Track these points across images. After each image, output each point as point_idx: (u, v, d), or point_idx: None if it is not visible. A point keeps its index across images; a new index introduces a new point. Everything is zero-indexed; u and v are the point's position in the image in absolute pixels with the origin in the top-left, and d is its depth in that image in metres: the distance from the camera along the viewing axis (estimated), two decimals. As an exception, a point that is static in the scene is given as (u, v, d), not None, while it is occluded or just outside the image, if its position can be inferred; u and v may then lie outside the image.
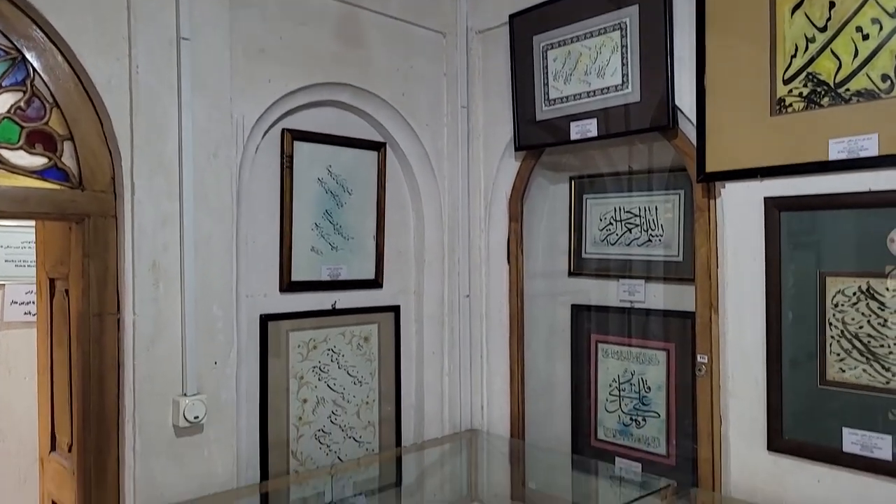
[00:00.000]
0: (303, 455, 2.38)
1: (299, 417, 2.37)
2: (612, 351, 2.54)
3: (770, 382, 1.86)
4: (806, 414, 1.80)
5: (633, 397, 2.46)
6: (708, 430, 2.05)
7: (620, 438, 2.49)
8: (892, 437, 1.65)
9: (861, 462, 1.69)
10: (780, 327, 1.83)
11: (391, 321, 2.64)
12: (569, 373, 2.65)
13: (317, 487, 2.40)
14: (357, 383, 2.54)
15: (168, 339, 1.94)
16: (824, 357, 1.76)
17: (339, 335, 2.48)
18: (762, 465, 1.90)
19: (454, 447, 2.81)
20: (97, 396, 1.88)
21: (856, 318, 1.71)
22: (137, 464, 1.88)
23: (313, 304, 2.40)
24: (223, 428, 2.06)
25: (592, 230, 2.58)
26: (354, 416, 2.52)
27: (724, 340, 2.00)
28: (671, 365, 2.36)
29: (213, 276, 2.02)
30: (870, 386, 1.68)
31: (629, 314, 2.49)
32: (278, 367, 2.30)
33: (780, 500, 1.86)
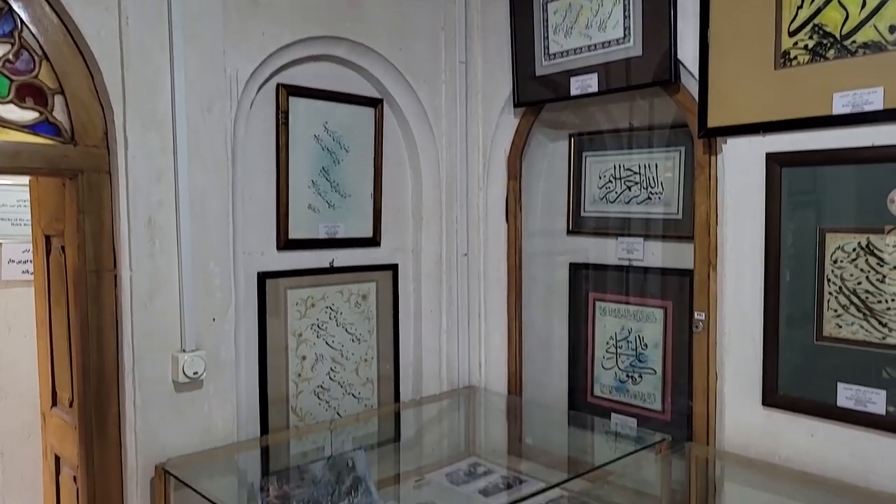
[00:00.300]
0: (302, 411, 2.40)
1: (298, 374, 2.39)
2: (610, 309, 2.54)
3: (767, 339, 1.86)
4: (801, 370, 1.81)
5: (630, 354, 2.48)
6: (704, 386, 2.07)
7: (617, 395, 2.52)
8: (887, 392, 1.66)
9: (854, 416, 1.71)
10: (779, 284, 1.83)
11: (389, 279, 2.64)
12: (566, 331, 2.66)
13: (316, 442, 2.43)
14: (355, 341, 2.55)
15: (166, 295, 1.94)
16: (821, 313, 1.76)
17: (338, 293, 2.49)
18: (756, 419, 1.92)
19: (452, 403, 2.84)
20: (96, 352, 1.89)
21: (854, 275, 1.70)
22: (138, 418, 1.90)
23: (311, 262, 2.39)
24: (223, 383, 2.07)
25: (591, 188, 2.56)
26: (353, 373, 2.54)
27: (722, 297, 2.00)
28: (668, 322, 2.37)
29: (209, 233, 2.01)
30: (866, 341, 1.69)
31: (627, 272, 2.49)
32: (277, 324, 2.31)
33: (773, 453, 1.89)
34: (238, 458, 2.16)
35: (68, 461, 2.09)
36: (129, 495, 1.91)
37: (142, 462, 1.90)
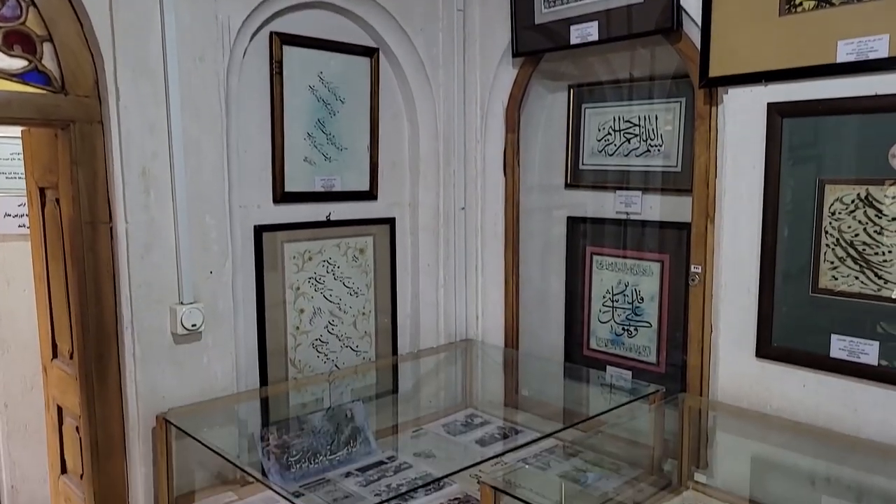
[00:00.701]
0: (301, 363, 2.43)
1: (296, 327, 2.40)
2: (607, 262, 2.54)
3: (762, 291, 1.87)
4: (796, 321, 1.83)
5: (626, 308, 2.49)
6: (698, 338, 2.09)
7: (612, 348, 2.54)
8: (880, 344, 1.68)
9: (846, 367, 1.73)
10: (776, 236, 1.82)
11: (386, 233, 2.64)
12: (563, 284, 2.66)
13: (315, 393, 2.47)
14: (353, 294, 2.56)
15: (162, 247, 1.94)
16: (818, 265, 1.76)
17: (335, 247, 2.48)
18: (749, 370, 1.94)
19: (449, 356, 2.87)
20: (94, 304, 1.89)
21: (852, 227, 1.70)
22: (138, 369, 1.92)
23: (307, 215, 2.38)
24: (221, 336, 2.09)
25: (590, 141, 2.53)
26: (351, 327, 2.56)
27: (719, 250, 2.00)
28: (665, 276, 2.37)
29: (204, 185, 2.00)
30: (861, 293, 1.70)
31: (625, 226, 2.48)
32: (274, 277, 2.31)
33: (765, 403, 1.92)
34: (238, 409, 2.19)
35: (70, 412, 2.11)
36: (130, 444, 1.95)
37: (143, 412, 1.93)
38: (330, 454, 2.25)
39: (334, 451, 2.26)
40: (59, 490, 2.24)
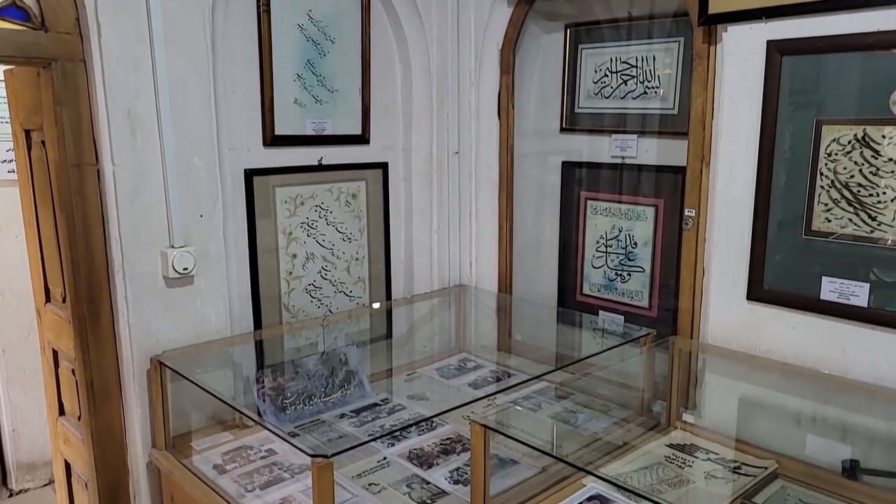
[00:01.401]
0: (295, 308, 2.43)
1: (289, 272, 2.40)
2: (601, 208, 2.53)
3: (755, 234, 1.86)
4: (788, 264, 1.83)
5: (620, 253, 2.48)
6: (690, 282, 2.09)
7: (605, 293, 2.55)
8: (870, 286, 1.68)
9: (836, 309, 1.73)
10: (771, 178, 1.81)
11: (379, 178, 2.61)
12: (557, 230, 2.65)
13: (309, 338, 2.48)
14: (346, 240, 2.55)
15: (150, 190, 1.91)
16: (812, 208, 1.75)
17: (327, 192, 2.46)
18: (740, 313, 1.95)
19: (443, 301, 2.88)
20: (84, 248, 1.88)
21: (848, 168, 1.68)
22: (130, 312, 1.92)
23: (299, 159, 2.35)
24: (213, 279, 2.08)
25: (586, 83, 2.48)
26: (344, 272, 2.56)
27: (713, 193, 1.99)
28: (659, 221, 2.36)
29: (191, 127, 1.96)
30: (854, 235, 1.69)
31: (620, 171, 2.45)
32: (266, 222, 2.29)
33: (754, 346, 1.93)
34: (232, 352, 2.20)
35: (66, 355, 2.13)
36: (126, 386, 1.97)
37: (137, 354, 1.94)
38: (324, 396, 2.28)
39: (329, 394, 2.29)
40: (58, 431, 2.28)
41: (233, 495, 1.73)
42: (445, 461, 1.92)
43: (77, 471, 2.18)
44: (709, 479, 1.78)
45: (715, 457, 1.89)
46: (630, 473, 1.82)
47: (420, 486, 1.78)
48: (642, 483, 1.76)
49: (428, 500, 1.72)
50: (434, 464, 1.91)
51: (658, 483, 1.76)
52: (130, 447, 1.99)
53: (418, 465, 1.90)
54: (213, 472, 1.85)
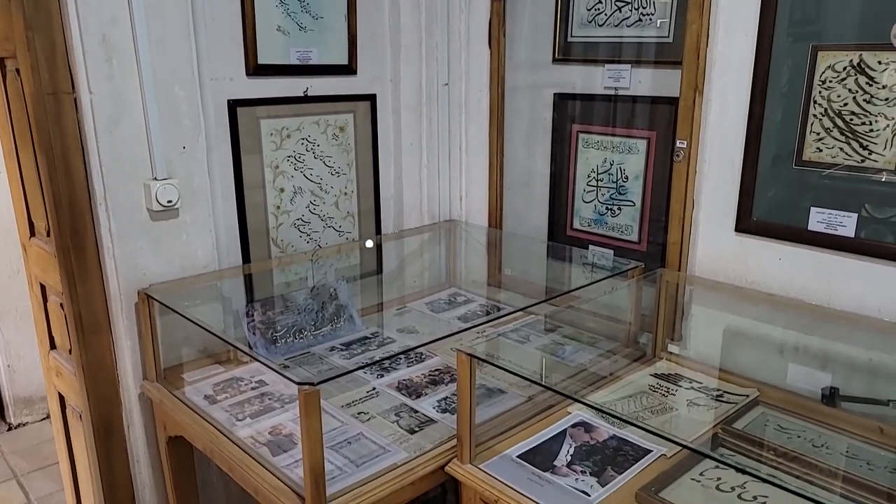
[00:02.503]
0: (283, 242, 2.42)
1: (277, 206, 2.37)
2: (593, 141, 2.49)
3: (746, 164, 1.84)
4: (777, 195, 1.81)
5: (611, 187, 2.46)
6: (679, 215, 2.09)
7: (595, 227, 2.54)
8: (858, 216, 1.67)
9: (823, 239, 1.73)
10: (764, 107, 1.77)
11: (367, 110, 2.56)
12: (548, 164, 2.62)
13: (299, 273, 2.48)
14: (334, 174, 2.52)
15: (130, 121, 1.87)
16: (803, 137, 1.73)
17: (314, 124, 2.41)
18: (728, 245, 1.95)
19: (433, 236, 2.87)
20: (65, 180, 1.85)
21: (842, 95, 1.65)
22: (115, 245, 1.91)
23: (283, 90, 2.29)
24: (199, 213, 2.06)
25: (580, 10, 2.40)
26: (333, 207, 2.54)
27: (706, 123, 1.95)
28: (651, 153, 2.33)
29: (170, 54, 1.90)
30: (845, 165, 1.67)
31: (613, 102, 2.40)
32: (252, 155, 2.25)
33: (741, 277, 1.94)
34: (221, 286, 2.20)
35: (53, 289, 2.12)
36: (115, 320, 1.97)
37: (124, 287, 1.94)
38: (314, 330, 2.29)
39: (319, 328, 2.31)
40: (51, 365, 2.30)
41: (224, 424, 1.75)
42: (434, 391, 1.95)
43: (70, 403, 2.21)
44: (691, 406, 1.81)
45: (698, 385, 1.92)
46: (614, 401, 1.86)
47: (408, 415, 1.82)
48: (626, 410, 1.80)
49: (416, 428, 1.75)
50: (422, 394, 1.94)
51: (641, 410, 1.80)
52: (122, 379, 2.01)
53: (407, 396, 1.93)
54: (204, 402, 1.87)
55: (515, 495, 1.46)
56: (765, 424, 1.71)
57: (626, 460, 1.59)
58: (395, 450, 1.64)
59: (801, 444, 1.60)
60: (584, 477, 1.53)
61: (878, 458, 1.55)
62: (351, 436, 1.70)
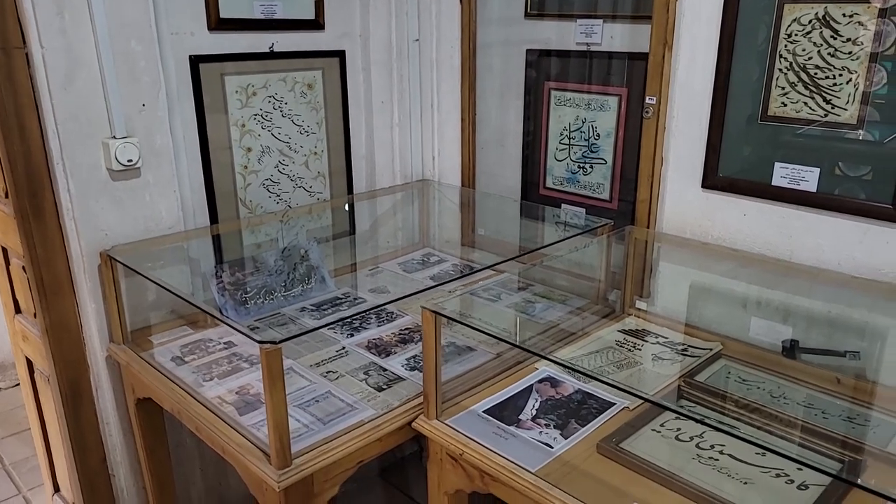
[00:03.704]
0: (252, 203, 2.39)
1: (245, 166, 2.33)
2: (565, 98, 2.46)
3: (713, 120, 1.84)
4: (743, 150, 1.82)
5: (583, 145, 2.45)
6: (648, 172, 2.08)
7: (568, 186, 2.53)
8: (820, 170, 1.68)
9: (786, 194, 1.74)
10: (731, 61, 1.76)
11: (336, 67, 2.50)
12: (521, 122, 2.60)
13: (269, 233, 2.46)
14: (304, 133, 2.47)
15: (86, 77, 1.81)
16: (769, 92, 1.72)
17: (280, 81, 2.36)
18: (694, 202, 1.96)
19: (406, 196, 2.85)
20: (20, 139, 1.79)
21: (807, 49, 1.64)
22: (75, 206, 1.87)
23: (248, 45, 2.23)
24: (162, 173, 2.02)
25: (551, -37, 2.35)
26: (303, 167, 2.50)
27: (674, 80, 1.94)
28: (622, 111, 2.31)
29: (125, 7, 1.83)
30: (809, 119, 1.67)
31: (585, 59, 2.37)
32: (216, 113, 2.20)
33: (707, 233, 1.96)
34: (188, 247, 2.18)
35: (14, 252, 2.08)
36: (78, 282, 1.94)
37: (86, 249, 1.91)
38: (285, 291, 2.28)
39: (289, 289, 2.30)
40: (17, 329, 2.27)
41: (191, 384, 1.75)
42: (403, 350, 1.96)
43: (38, 367, 2.19)
44: (656, 360, 1.84)
45: (664, 340, 1.95)
46: (581, 357, 1.88)
47: (377, 373, 1.83)
48: (592, 365, 1.82)
49: (384, 386, 1.76)
50: (392, 352, 1.95)
51: (607, 365, 1.82)
52: (88, 342, 1.99)
53: (376, 354, 1.94)
54: (171, 363, 1.87)
55: (479, 448, 1.48)
56: (726, 377, 1.74)
57: (590, 413, 1.62)
58: (363, 407, 1.65)
59: (761, 395, 1.64)
60: (547, 430, 1.55)
61: (833, 407, 1.59)
62: (319, 394, 1.71)
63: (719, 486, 1.32)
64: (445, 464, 1.57)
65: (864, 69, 1.56)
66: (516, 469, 1.41)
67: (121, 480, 2.15)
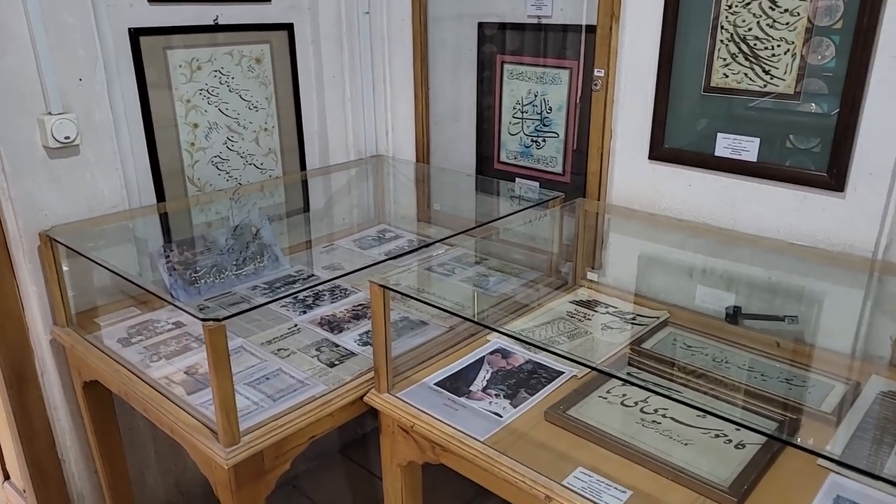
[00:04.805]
0: (201, 181, 2.34)
1: (192, 143, 2.28)
2: (517, 72, 2.46)
3: (658, 92, 1.86)
4: (687, 122, 1.84)
5: (536, 119, 2.45)
6: (598, 145, 2.10)
7: (522, 160, 2.54)
8: (760, 140, 1.72)
9: (728, 164, 1.78)
10: (675, 32, 1.77)
11: (284, 41, 2.45)
12: (475, 97, 2.59)
13: (219, 212, 2.41)
14: (252, 108, 2.42)
15: (17, 50, 1.74)
16: (711, 63, 1.74)
17: (226, 55, 2.30)
18: (642, 173, 1.98)
19: (360, 172, 2.83)
20: (-52, 116, 1.72)
21: (747, 21, 1.66)
22: (10, 185, 1.80)
23: (191, 17, 2.17)
24: (103, 150, 1.96)
25: (500, -67, 2.33)
26: (253, 143, 2.45)
27: (622, 52, 1.95)
28: (573, 84, 2.32)
29: (55, -23, 1.76)
30: (748, 90, 1.70)
31: (536, 31, 2.37)
32: (160, 88, 2.14)
33: (654, 204, 1.99)
34: (133, 226, 2.13)
35: (-50, 234, 2.01)
36: (17, 264, 1.89)
37: (24, 230, 1.84)
38: (236, 270, 2.25)
39: (241, 267, 2.27)
40: (-43, 313, 2.20)
41: (137, 365, 1.72)
42: (356, 325, 1.96)
43: (-19, 351, 2.12)
44: (605, 329, 1.88)
45: (613, 310, 1.99)
46: (533, 328, 1.90)
47: (329, 349, 1.82)
48: (543, 336, 1.84)
49: (336, 361, 1.76)
50: (345, 328, 1.94)
51: (558, 335, 1.85)
52: (31, 325, 1.94)
53: (329, 331, 1.93)
54: (117, 345, 1.83)
55: (430, 420, 1.50)
56: (672, 343, 1.78)
57: (540, 383, 1.64)
58: (314, 383, 1.65)
59: (704, 360, 1.68)
60: (497, 400, 1.57)
61: (772, 370, 1.65)
62: (269, 372, 1.70)
63: (660, 448, 1.36)
64: (397, 436, 1.59)
65: (802, 40, 1.59)
66: (465, 438, 1.43)
67: (71, 465, 2.11)
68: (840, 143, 1.58)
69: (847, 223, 1.64)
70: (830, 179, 1.62)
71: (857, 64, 1.51)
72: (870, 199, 1.59)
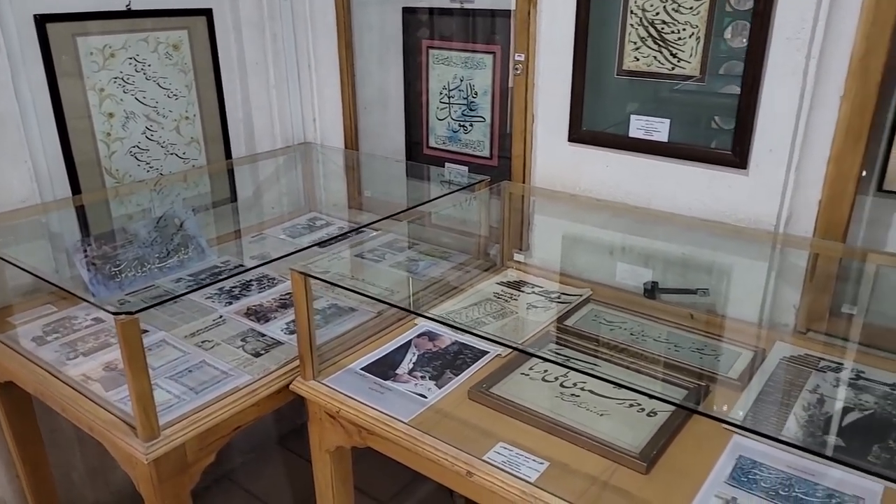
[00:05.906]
0: (119, 172, 2.27)
1: (107, 133, 2.20)
2: (443, 57, 2.47)
3: (575, 75, 1.90)
4: (602, 104, 1.89)
5: (462, 104, 2.47)
6: (521, 129, 2.14)
7: (450, 145, 2.55)
8: (670, 121, 1.78)
9: (642, 145, 1.84)
10: (588, 16, 1.82)
11: (203, 27, 2.39)
12: (402, 82, 2.58)
13: (140, 203, 2.35)
14: (172, 97, 2.36)
15: None
16: (623, 47, 1.79)
17: (142, 42, 2.23)
18: (563, 155, 2.03)
19: (288, 160, 2.79)
20: None
21: (654, 5, 1.71)
22: None
23: (101, 3, 2.08)
24: (9, 142, 1.88)
25: (420, -83, 2.32)
26: (174, 133, 2.39)
27: (540, 36, 1.98)
28: (496, 68, 2.34)
29: (-54, -41, 1.67)
30: (658, 73, 1.76)
31: (458, 16, 2.38)
32: (70, 77, 2.06)
33: (575, 185, 2.04)
34: (46, 221, 2.05)
35: None
36: (-80, 262, 1.79)
37: (-76, 227, 1.76)
38: (159, 262, 2.19)
39: (164, 260, 2.21)
40: None
41: (53, 364, 1.67)
42: (283, 314, 1.94)
43: None
44: (530, 308, 1.92)
45: (539, 290, 2.03)
46: (459, 310, 1.93)
47: (255, 339, 1.81)
48: (469, 318, 1.87)
49: (262, 351, 1.75)
50: (271, 318, 1.93)
51: (484, 316, 1.88)
52: (-63, 326, 1.86)
53: (255, 321, 1.91)
54: (31, 344, 1.77)
55: (355, 404, 1.51)
56: (593, 319, 1.84)
57: (465, 363, 1.67)
58: (239, 374, 1.64)
59: (623, 335, 1.75)
60: (422, 381, 1.60)
61: (684, 340, 1.72)
62: (192, 364, 1.67)
63: (578, 420, 1.41)
64: (324, 422, 1.59)
65: (705, 24, 1.66)
66: (390, 421, 1.45)
67: (-10, 470, 2.04)
68: (742, 122, 1.65)
69: (751, 199, 1.72)
70: (735, 157, 1.70)
71: (756, 46, 1.58)
72: (771, 175, 1.67)
